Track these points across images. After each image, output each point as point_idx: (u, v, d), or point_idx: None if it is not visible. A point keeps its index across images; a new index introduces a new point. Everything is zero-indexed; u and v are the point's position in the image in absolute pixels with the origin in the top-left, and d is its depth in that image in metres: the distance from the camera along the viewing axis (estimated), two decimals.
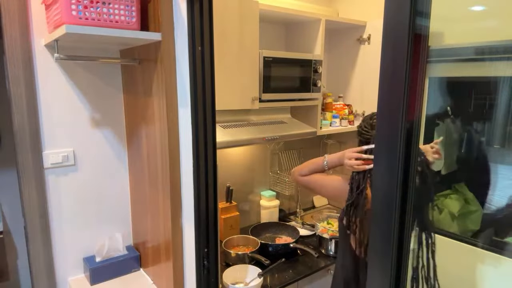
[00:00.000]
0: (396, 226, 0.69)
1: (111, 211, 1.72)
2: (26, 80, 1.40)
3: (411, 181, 0.67)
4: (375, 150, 0.73)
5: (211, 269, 1.41)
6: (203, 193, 1.36)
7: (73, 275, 1.64)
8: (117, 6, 1.22)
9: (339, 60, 2.46)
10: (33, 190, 1.47)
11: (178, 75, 1.33)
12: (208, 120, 1.34)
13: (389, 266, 0.71)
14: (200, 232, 1.37)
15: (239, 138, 1.77)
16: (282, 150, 2.46)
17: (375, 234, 0.74)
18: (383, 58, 0.68)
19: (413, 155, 0.66)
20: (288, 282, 1.75)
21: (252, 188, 2.36)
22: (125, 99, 1.67)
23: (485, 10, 0.72)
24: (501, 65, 0.72)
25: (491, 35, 0.70)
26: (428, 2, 0.64)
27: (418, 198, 0.77)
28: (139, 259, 1.72)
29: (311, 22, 2.13)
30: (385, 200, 0.70)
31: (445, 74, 0.79)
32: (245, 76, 1.80)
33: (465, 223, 1.30)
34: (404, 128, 0.65)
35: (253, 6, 1.78)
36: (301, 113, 2.25)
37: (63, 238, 1.59)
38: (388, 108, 0.68)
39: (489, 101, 0.76)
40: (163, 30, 1.28)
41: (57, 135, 1.52)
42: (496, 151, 1.04)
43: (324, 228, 2.06)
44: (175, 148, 1.37)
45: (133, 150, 1.66)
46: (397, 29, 0.64)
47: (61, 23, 1.16)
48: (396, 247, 0.70)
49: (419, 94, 0.65)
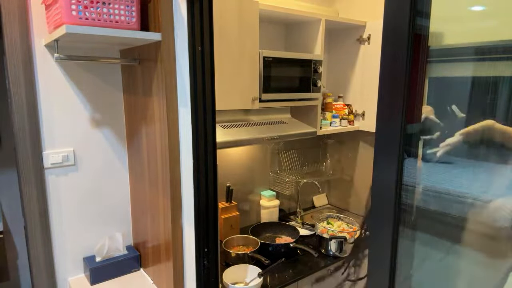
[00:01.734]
0: (396, 226, 0.69)
1: (111, 211, 1.72)
2: (26, 80, 1.40)
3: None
4: (376, 150, 0.73)
5: (211, 269, 1.41)
6: (203, 193, 1.36)
7: (73, 275, 1.64)
8: (117, 6, 1.22)
9: (339, 60, 2.46)
10: (33, 190, 1.47)
11: (178, 75, 1.33)
12: (208, 120, 1.34)
13: (388, 266, 0.71)
14: (200, 232, 1.37)
15: (239, 138, 1.77)
16: (282, 150, 2.46)
17: (374, 234, 0.74)
18: (383, 58, 0.68)
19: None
20: (288, 282, 1.75)
21: (252, 188, 2.36)
22: (125, 99, 1.67)
23: (485, 10, 0.72)
24: (501, 65, 0.72)
25: (491, 35, 0.70)
26: (428, 2, 0.64)
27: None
28: (139, 259, 1.72)
29: (311, 22, 2.13)
30: (385, 200, 0.70)
31: (445, 74, 0.79)
32: (245, 76, 1.80)
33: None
34: (404, 128, 0.65)
35: (253, 6, 1.78)
36: (301, 113, 2.25)
37: (63, 238, 1.59)
38: (388, 108, 0.68)
39: (489, 101, 0.77)
40: (163, 30, 1.28)
41: (57, 135, 1.52)
42: (496, 151, 1.03)
43: (324, 228, 2.06)
44: (175, 148, 1.37)
45: (133, 150, 1.66)
46: (397, 29, 0.64)
47: (61, 23, 1.16)
48: (396, 246, 0.70)
49: (419, 94, 0.65)
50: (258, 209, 2.37)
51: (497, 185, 0.77)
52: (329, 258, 1.96)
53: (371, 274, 0.77)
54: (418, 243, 0.82)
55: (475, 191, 0.80)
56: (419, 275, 0.86)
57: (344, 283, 2.03)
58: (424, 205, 0.86)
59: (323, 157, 2.72)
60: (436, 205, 0.86)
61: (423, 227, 0.86)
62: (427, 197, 0.87)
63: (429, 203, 0.86)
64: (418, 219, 0.80)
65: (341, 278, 2.02)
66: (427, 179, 0.84)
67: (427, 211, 0.86)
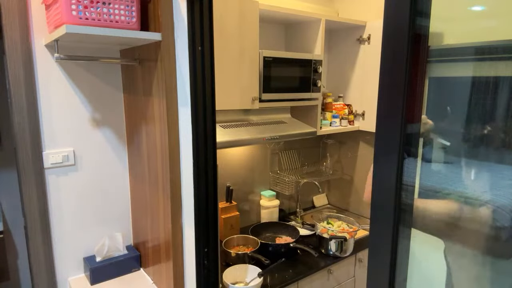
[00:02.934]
0: (396, 226, 0.69)
1: (111, 211, 1.72)
2: (26, 80, 1.40)
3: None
4: (376, 150, 0.73)
5: (211, 269, 1.41)
6: (203, 193, 1.36)
7: (73, 275, 1.64)
8: (117, 6, 1.22)
9: (339, 60, 2.46)
10: (33, 190, 1.47)
11: (178, 75, 1.33)
12: (208, 120, 1.34)
13: (388, 266, 0.71)
14: (200, 232, 1.38)
15: (239, 138, 1.77)
16: (282, 150, 2.46)
17: (374, 234, 0.74)
18: (383, 58, 0.68)
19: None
20: (288, 282, 1.75)
21: (252, 188, 2.36)
22: (125, 99, 1.67)
23: (485, 10, 0.72)
24: (501, 65, 0.72)
25: (491, 35, 0.70)
26: (428, 2, 0.64)
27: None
28: (139, 258, 1.72)
29: (311, 22, 2.13)
30: (385, 200, 0.70)
31: (445, 74, 0.79)
32: (245, 76, 1.80)
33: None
34: (404, 128, 0.65)
35: (253, 6, 1.78)
36: (301, 113, 2.25)
37: (63, 238, 1.59)
38: (388, 108, 0.68)
39: (489, 101, 0.77)
40: (163, 30, 1.28)
41: (57, 135, 1.52)
42: (496, 151, 1.04)
43: (324, 228, 2.06)
44: (175, 148, 1.37)
45: (133, 150, 1.66)
46: (397, 29, 0.64)
47: (61, 23, 1.16)
48: (396, 246, 0.70)
49: (419, 94, 0.65)
50: (258, 209, 2.37)
51: (497, 185, 0.77)
52: (329, 258, 1.96)
53: (371, 274, 0.77)
54: (418, 243, 0.82)
55: (475, 191, 0.80)
56: (419, 275, 0.86)
57: (344, 283, 2.03)
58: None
59: (323, 157, 2.72)
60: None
61: (423, 227, 0.86)
62: (427, 197, 0.87)
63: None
64: (418, 219, 0.80)
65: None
66: (427, 179, 0.84)
67: (427, 211, 0.86)
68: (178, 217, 1.42)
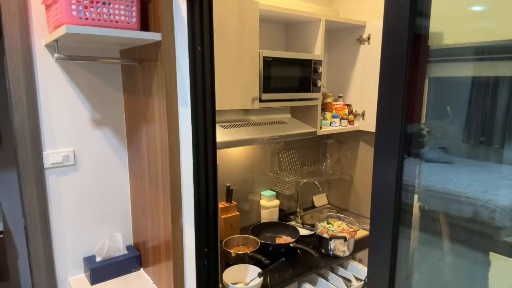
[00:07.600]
0: (396, 225, 0.69)
1: (111, 211, 1.72)
2: (26, 80, 1.40)
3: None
4: (376, 150, 0.73)
5: (211, 269, 1.41)
6: (203, 193, 1.36)
7: (73, 275, 1.64)
8: (117, 6, 1.22)
9: (339, 60, 2.46)
10: (33, 190, 1.47)
11: (178, 75, 1.33)
12: (208, 120, 1.34)
13: (388, 266, 0.71)
14: (200, 232, 1.38)
15: (239, 138, 1.77)
16: (282, 150, 2.46)
17: (374, 234, 0.74)
18: (383, 58, 0.68)
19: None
20: (288, 282, 1.75)
21: (252, 188, 2.36)
22: (125, 99, 1.67)
23: (485, 10, 0.72)
24: (501, 65, 0.72)
25: (491, 35, 0.70)
26: (428, 2, 0.64)
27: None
28: (139, 259, 1.72)
29: (311, 22, 2.13)
30: (385, 200, 0.70)
31: (445, 74, 0.79)
32: (245, 76, 1.80)
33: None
34: (404, 128, 0.65)
35: (253, 6, 1.78)
36: (301, 113, 2.25)
37: (63, 238, 1.60)
38: (388, 108, 0.68)
39: (489, 100, 0.77)
40: (163, 30, 1.28)
41: (57, 135, 1.52)
42: (496, 151, 1.04)
43: (324, 228, 2.06)
44: (175, 148, 1.37)
45: (133, 150, 1.66)
46: (397, 29, 0.64)
47: (61, 23, 1.16)
48: (396, 246, 0.70)
49: (419, 94, 0.65)
50: (258, 209, 2.37)
51: (497, 185, 0.77)
52: (329, 258, 1.96)
53: (371, 274, 0.77)
54: (417, 242, 0.82)
55: (475, 191, 0.80)
56: (419, 274, 0.86)
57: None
58: (423, 204, 0.86)
59: (323, 157, 2.72)
60: (436, 204, 0.86)
61: (422, 226, 0.86)
62: (427, 197, 0.87)
63: (429, 202, 0.86)
64: (417, 219, 0.80)
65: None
66: (427, 179, 0.84)
67: (427, 211, 0.86)
68: (178, 217, 1.42)
